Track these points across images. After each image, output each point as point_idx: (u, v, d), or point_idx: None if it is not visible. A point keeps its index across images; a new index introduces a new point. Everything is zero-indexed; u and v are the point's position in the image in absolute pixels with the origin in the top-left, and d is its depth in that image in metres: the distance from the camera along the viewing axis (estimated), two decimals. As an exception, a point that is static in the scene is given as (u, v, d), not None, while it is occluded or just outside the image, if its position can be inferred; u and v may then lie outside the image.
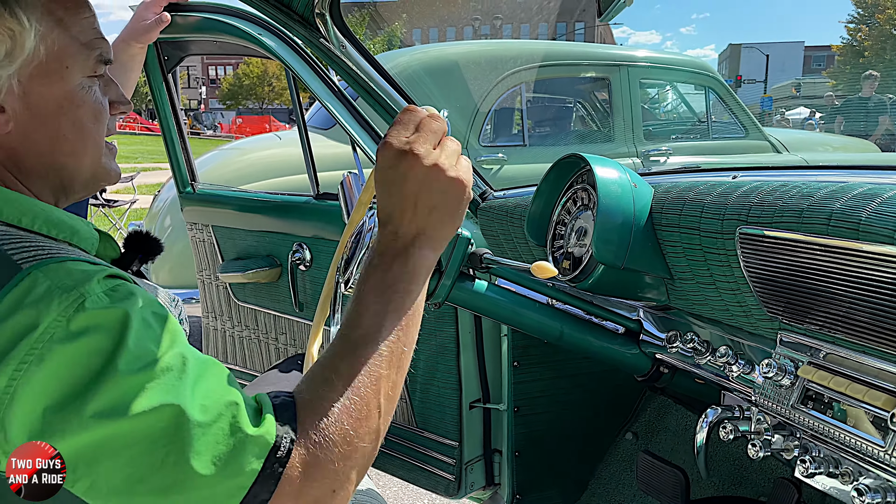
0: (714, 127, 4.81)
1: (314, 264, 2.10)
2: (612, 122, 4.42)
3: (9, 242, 0.71)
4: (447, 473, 1.93)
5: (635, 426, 1.90)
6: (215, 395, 0.69)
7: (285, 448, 0.68)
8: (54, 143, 0.82)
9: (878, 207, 0.82)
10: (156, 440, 0.64)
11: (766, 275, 1.00)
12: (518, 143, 4.22)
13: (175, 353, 0.69)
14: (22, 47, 0.77)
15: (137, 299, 0.70)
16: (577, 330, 1.32)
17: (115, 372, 0.65)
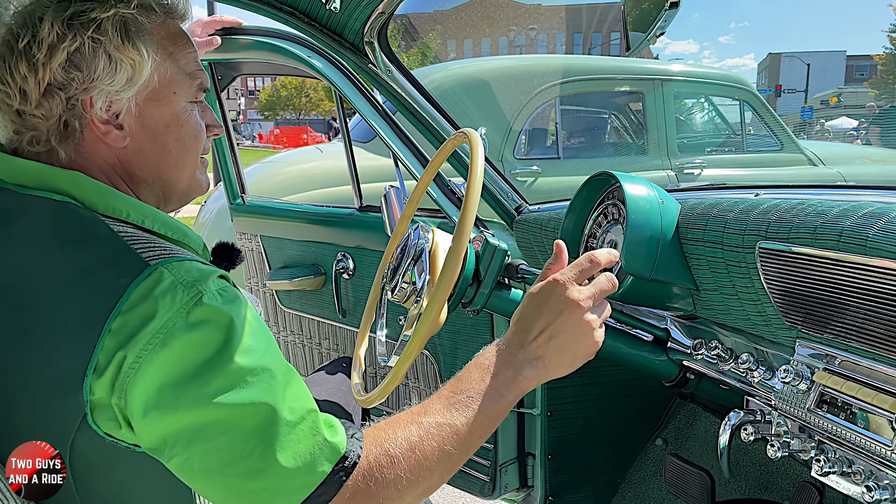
0: (749, 140, 4.82)
1: (357, 273, 2.21)
2: (646, 135, 4.48)
3: (137, 242, 0.83)
4: (482, 475, 2.01)
5: (665, 432, 1.97)
6: (301, 401, 0.80)
7: (352, 461, 0.79)
8: (161, 157, 0.95)
9: (885, 226, 0.89)
10: (249, 431, 0.75)
11: (784, 287, 1.07)
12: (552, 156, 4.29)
13: (271, 356, 0.80)
14: (140, 74, 0.90)
15: (243, 303, 0.82)
16: (609, 337, 1.40)
17: (223, 363, 0.76)
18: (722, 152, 4.88)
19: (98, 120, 0.90)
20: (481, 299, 1.28)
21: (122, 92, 0.90)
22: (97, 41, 0.87)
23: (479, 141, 1.15)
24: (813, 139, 19.49)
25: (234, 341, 0.77)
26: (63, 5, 0.88)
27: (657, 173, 4.25)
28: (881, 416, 0.94)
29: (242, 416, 0.75)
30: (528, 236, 1.72)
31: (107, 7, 0.88)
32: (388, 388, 1.12)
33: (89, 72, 0.87)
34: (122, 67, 0.89)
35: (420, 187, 1.45)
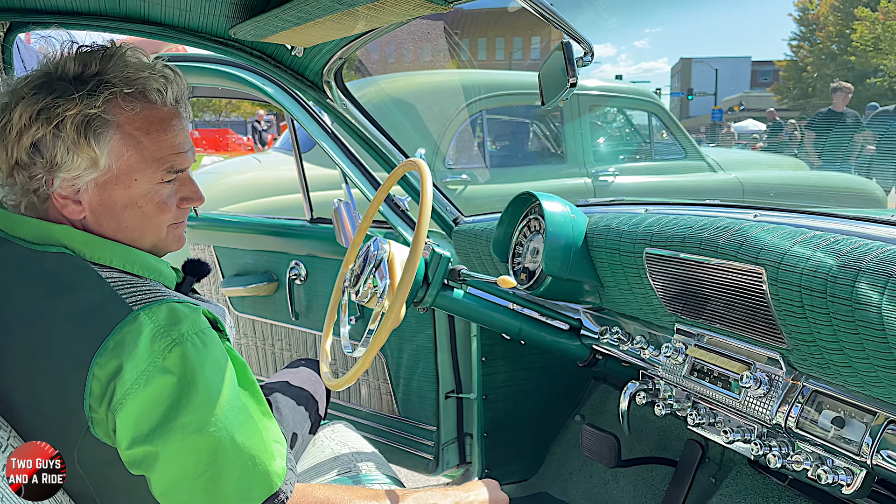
0: (657, 148, 5.29)
1: (309, 279, 2.45)
2: (564, 145, 4.86)
3: (122, 287, 0.99)
4: (426, 454, 2.29)
5: (582, 409, 2.29)
6: (251, 437, 0.98)
7: (280, 500, 0.99)
8: (118, 230, 1.07)
9: (731, 237, 1.22)
10: (203, 459, 0.95)
11: (665, 283, 1.39)
12: (480, 165, 4.62)
13: (229, 396, 0.98)
14: (97, 165, 1.02)
15: (212, 346, 1.00)
16: (533, 327, 1.70)
17: (188, 403, 0.95)
18: (633, 160, 5.33)
19: (58, 195, 1.03)
20: (430, 298, 1.56)
21: (80, 177, 1.02)
22: (57, 135, 0.99)
23: (427, 170, 1.43)
24: (723, 140, 20.61)
25: (198, 384, 0.94)
26: (36, 98, 1.00)
27: (575, 181, 4.64)
28: (732, 377, 1.27)
29: (199, 446, 0.94)
30: (465, 244, 2.01)
31: (71, 105, 0.99)
32: (357, 373, 1.38)
33: (50, 157, 1.00)
34: (79, 159, 1.01)
35: (374, 205, 1.71)
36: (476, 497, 1.26)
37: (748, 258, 1.16)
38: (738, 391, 1.26)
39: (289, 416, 1.65)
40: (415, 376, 2.26)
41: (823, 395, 1.13)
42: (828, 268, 1.02)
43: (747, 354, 1.27)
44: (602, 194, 4.55)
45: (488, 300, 1.68)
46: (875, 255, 0.97)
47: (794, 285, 1.07)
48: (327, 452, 1.62)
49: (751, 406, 1.23)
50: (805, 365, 1.14)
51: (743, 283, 1.20)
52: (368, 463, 1.49)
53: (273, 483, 0.99)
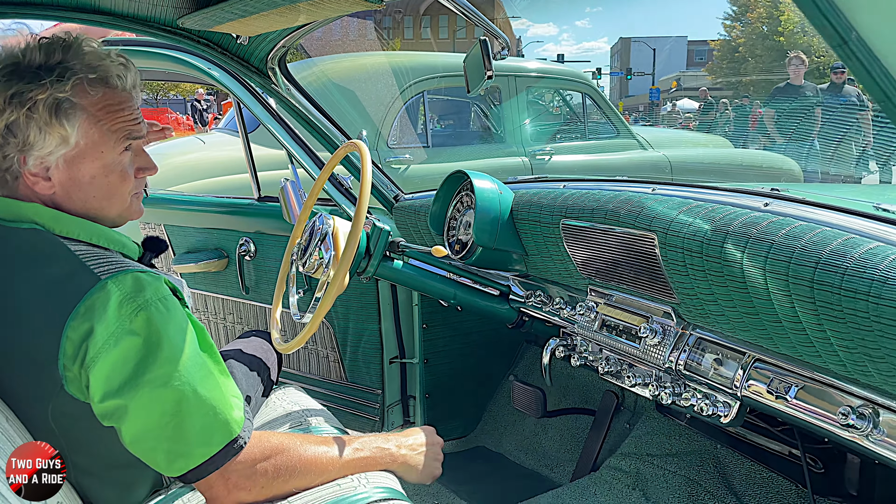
0: (590, 128, 5.53)
1: (259, 255, 2.57)
2: (503, 125, 5.05)
3: (90, 259, 1.09)
4: (372, 416, 2.46)
5: (516, 370, 2.49)
6: (212, 389, 1.11)
7: (239, 445, 1.12)
8: (87, 201, 1.17)
9: (631, 208, 1.41)
10: (168, 410, 1.07)
11: (579, 250, 1.58)
12: (423, 145, 4.76)
13: (191, 353, 1.11)
14: (67, 143, 1.12)
15: (178, 312, 1.12)
16: (466, 293, 1.88)
17: (154, 360, 1.07)
18: (568, 140, 5.56)
19: (29, 173, 1.12)
20: (372, 269, 1.72)
21: (50, 155, 1.12)
22: (30, 117, 1.09)
23: (367, 150, 1.58)
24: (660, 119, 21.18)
25: (163, 344, 1.05)
26: (8, 84, 1.09)
27: (513, 160, 4.83)
28: (633, 330, 1.47)
29: (164, 398, 1.05)
30: (405, 219, 2.17)
31: (42, 90, 1.09)
32: (306, 336, 1.53)
33: (23, 138, 1.10)
34: (51, 138, 1.10)
35: (318, 184, 1.85)
36: (415, 440, 1.43)
37: (643, 226, 1.36)
38: (637, 341, 1.46)
39: (242, 381, 1.78)
40: (360, 344, 2.41)
41: (706, 341, 1.34)
42: (703, 232, 1.22)
43: (646, 309, 1.47)
44: (539, 173, 4.76)
45: (426, 270, 1.85)
46: (740, 220, 1.18)
47: (678, 248, 1.27)
48: (279, 411, 1.77)
49: (649, 353, 1.43)
50: (691, 316, 1.35)
51: (640, 247, 1.39)
52: (318, 418, 1.65)
53: (232, 430, 1.12)
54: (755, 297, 1.13)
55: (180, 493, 1.27)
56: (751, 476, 1.61)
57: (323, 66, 4.80)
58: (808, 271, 1.02)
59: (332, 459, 1.26)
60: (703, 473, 1.67)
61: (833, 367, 1.07)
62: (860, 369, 1.01)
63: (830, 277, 0.99)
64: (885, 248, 0.97)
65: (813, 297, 1.02)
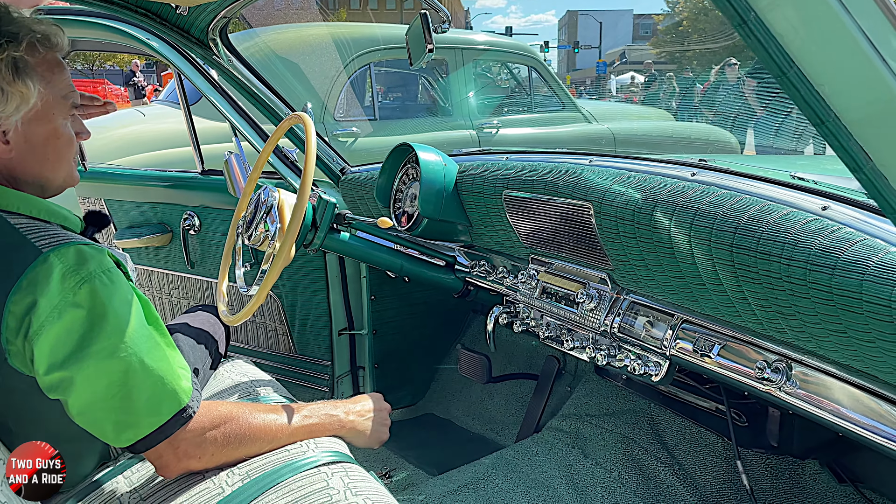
0: (536, 101, 5.59)
1: (203, 229, 2.55)
2: (450, 98, 5.06)
3: (30, 231, 1.08)
4: (322, 387, 2.49)
5: (463, 339, 2.56)
6: (158, 360, 1.11)
7: (188, 414, 1.13)
8: (41, 164, 1.18)
9: (568, 179, 1.47)
10: (115, 380, 1.08)
11: (521, 220, 1.64)
12: (370, 118, 4.74)
13: (137, 324, 1.11)
14: (27, 103, 1.12)
15: (122, 284, 1.12)
16: (413, 264, 1.92)
17: (99, 332, 1.06)
18: (514, 113, 5.61)
19: None
20: (318, 241, 1.74)
21: (11, 116, 1.11)
22: None
23: (311, 123, 1.59)
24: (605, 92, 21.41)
25: (108, 315, 1.04)
26: None
27: (461, 133, 4.86)
28: (571, 296, 1.54)
29: (110, 370, 1.05)
30: (352, 192, 2.19)
31: (1, 50, 1.10)
32: (253, 307, 1.55)
33: None
34: (13, 98, 1.10)
35: (263, 156, 1.85)
36: (362, 406, 1.47)
37: (579, 196, 1.41)
38: (575, 307, 1.53)
39: (189, 354, 1.78)
40: (309, 316, 2.43)
41: (638, 305, 1.41)
42: (635, 201, 1.28)
43: (584, 276, 1.54)
44: (486, 145, 4.80)
45: (373, 241, 1.88)
46: (669, 189, 1.24)
47: (611, 216, 1.33)
48: (228, 383, 1.79)
49: (586, 318, 1.50)
50: (624, 281, 1.42)
51: (577, 216, 1.45)
52: (267, 388, 1.67)
53: (181, 399, 1.13)
54: (681, 262, 1.20)
55: (129, 465, 1.29)
56: (682, 432, 1.71)
57: (266, 37, 4.72)
58: (727, 236, 1.09)
59: (280, 427, 1.29)
60: (638, 431, 1.77)
61: (751, 326, 1.15)
62: (775, 326, 1.09)
63: (748, 241, 1.06)
64: (797, 213, 1.05)
65: (732, 261, 1.09)
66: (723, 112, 6.55)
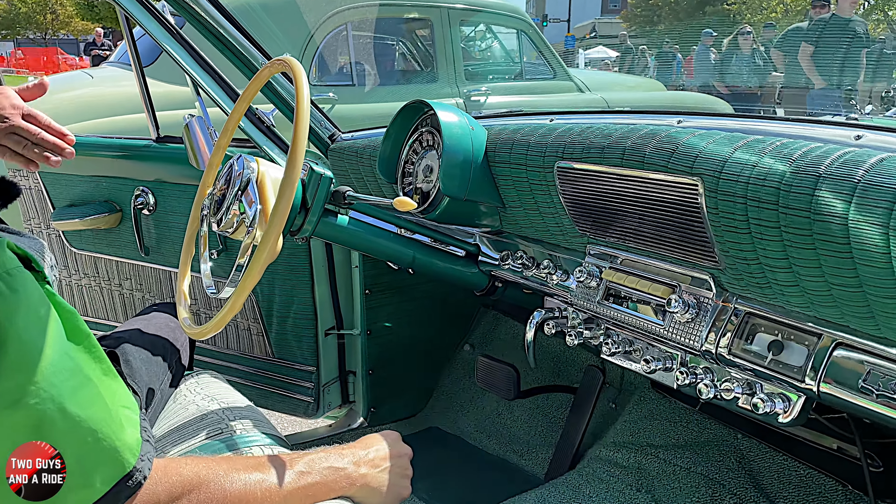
0: (527, 68, 5.18)
1: (159, 208, 2.11)
2: (435, 62, 4.62)
3: None
4: (306, 396, 2.09)
5: (472, 338, 2.17)
6: (87, 405, 0.74)
7: (136, 482, 0.76)
8: None
9: (660, 145, 1.08)
10: (20, 437, 0.70)
11: (577, 200, 1.25)
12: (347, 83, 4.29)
13: (56, 350, 0.73)
14: None
15: (31, 291, 0.74)
16: (427, 255, 1.52)
17: (2, 362, 0.68)
18: (503, 80, 5.19)
19: None
20: (310, 226, 1.33)
21: None
22: None
23: (301, 68, 1.18)
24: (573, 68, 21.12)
25: (8, 343, 0.70)
26: None
27: (447, 100, 4.43)
28: (655, 302, 1.16)
29: (15, 425, 0.70)
30: (344, 164, 1.77)
31: None
32: (226, 318, 1.14)
33: None
34: None
35: (234, 117, 1.43)
36: (376, 453, 1.09)
37: (681, 168, 1.02)
38: (661, 316, 1.15)
39: (141, 370, 1.39)
40: (290, 314, 2.03)
41: (758, 318, 1.03)
42: (780, 175, 0.90)
43: (669, 276, 1.16)
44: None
45: (377, 227, 1.47)
46: (834, 158, 0.86)
47: (737, 197, 0.95)
48: (192, 410, 1.38)
49: (676, 332, 1.12)
50: (739, 286, 1.04)
51: (672, 197, 1.07)
52: (244, 421, 1.27)
53: (124, 461, 0.76)
54: (863, 264, 0.82)
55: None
56: (785, 474, 1.35)
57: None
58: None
59: (269, 491, 0.92)
60: (724, 470, 1.40)
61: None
62: None
63: None
64: None
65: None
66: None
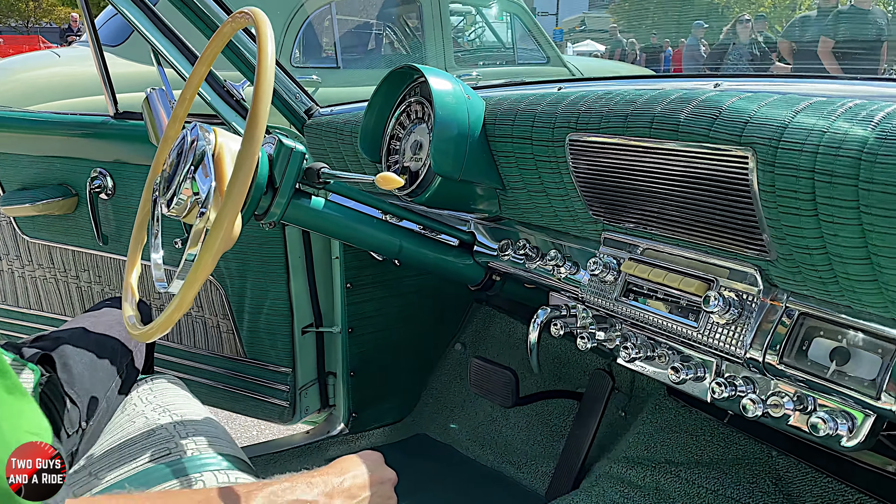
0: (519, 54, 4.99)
1: (118, 192, 1.91)
2: (423, 46, 4.42)
3: None
4: (281, 401, 1.90)
5: (463, 336, 1.99)
6: None
7: None
8: None
9: (694, 110, 0.89)
10: None
11: (592, 179, 1.06)
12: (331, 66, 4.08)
13: None
14: None
15: None
16: (415, 244, 1.33)
17: None
18: (494, 65, 5.00)
19: None
20: (278, 209, 1.14)
21: None
22: None
23: (266, 20, 0.98)
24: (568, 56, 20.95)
25: None
26: None
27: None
28: (686, 299, 0.97)
29: None
30: (321, 142, 1.58)
31: None
32: (173, 317, 0.95)
33: None
34: None
35: (192, 82, 1.23)
36: (353, 481, 0.91)
37: (726, 137, 0.84)
38: (693, 317, 0.97)
39: (83, 376, 1.20)
40: (263, 309, 1.83)
41: (815, 319, 0.85)
42: (860, 142, 0.72)
43: (703, 269, 0.98)
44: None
45: (358, 211, 1.28)
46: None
47: (801, 171, 0.76)
48: (140, 423, 1.18)
49: (713, 336, 0.94)
50: (794, 281, 0.86)
51: (712, 172, 0.88)
52: (198, 438, 1.08)
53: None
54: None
55: None
56: (829, 498, 1.18)
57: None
58: None
59: None
60: (759, 493, 1.22)
61: None
62: None
63: None
64: None
65: None
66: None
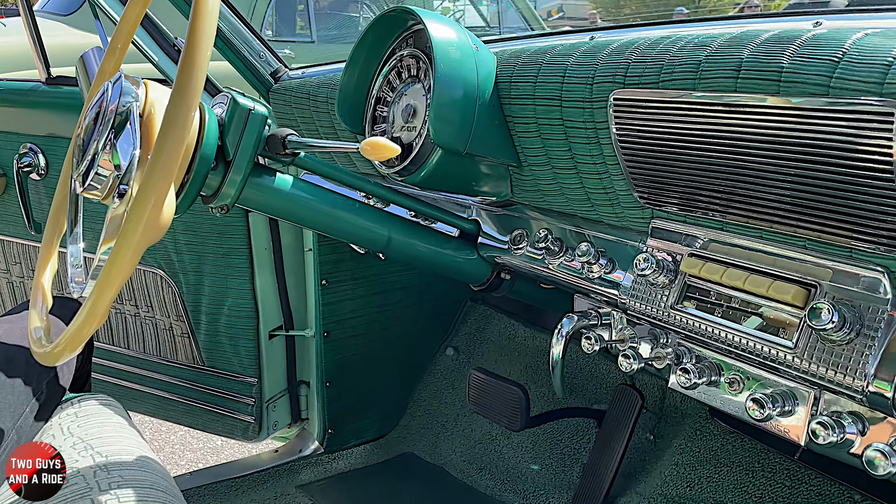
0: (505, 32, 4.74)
1: (51, 171, 1.63)
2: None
3: None
4: (245, 415, 1.64)
5: (455, 340, 1.74)
6: None
7: None
8: None
9: (802, 51, 0.65)
10: None
11: (644, 151, 0.81)
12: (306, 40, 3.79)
13: None
14: None
15: None
16: (407, 234, 1.08)
17: None
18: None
19: None
20: (232, 189, 0.87)
21: None
22: None
23: None
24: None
25: None
26: None
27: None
28: (779, 312, 0.73)
29: None
30: (290, 109, 1.31)
31: None
32: (83, 333, 0.69)
33: None
34: None
35: (124, 27, 0.96)
36: None
37: (856, 87, 0.59)
38: (787, 334, 0.72)
39: (-15, 402, 0.94)
40: (223, 311, 1.57)
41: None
42: None
43: (802, 270, 0.73)
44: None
45: (335, 193, 1.02)
46: None
47: None
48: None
49: (816, 361, 0.70)
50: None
51: (829, 138, 0.64)
52: (122, 492, 0.82)
53: None
54: None
55: None
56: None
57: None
58: None
59: None
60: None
61: None
62: None
63: None
64: None
65: None
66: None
